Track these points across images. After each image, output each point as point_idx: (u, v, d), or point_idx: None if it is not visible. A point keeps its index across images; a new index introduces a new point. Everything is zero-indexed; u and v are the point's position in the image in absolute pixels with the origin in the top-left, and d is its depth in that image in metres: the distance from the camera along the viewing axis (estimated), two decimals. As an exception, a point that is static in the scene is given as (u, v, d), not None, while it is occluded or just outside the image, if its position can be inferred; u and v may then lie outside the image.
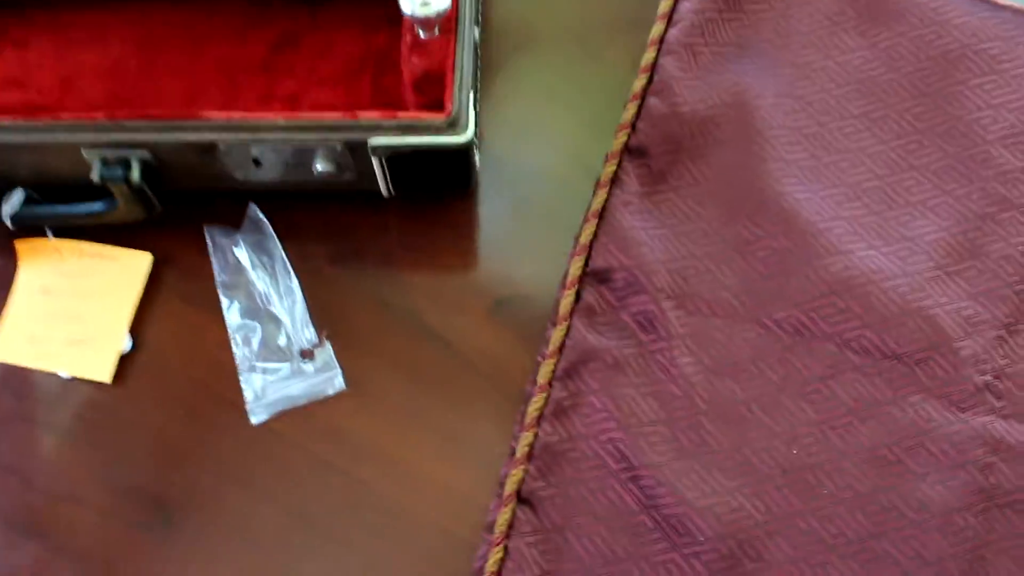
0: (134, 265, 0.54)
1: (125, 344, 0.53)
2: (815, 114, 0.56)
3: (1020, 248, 0.53)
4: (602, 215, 0.54)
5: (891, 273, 0.52)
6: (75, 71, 0.58)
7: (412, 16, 0.49)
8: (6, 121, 0.49)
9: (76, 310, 0.54)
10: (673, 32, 0.57)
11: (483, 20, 0.60)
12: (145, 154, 0.50)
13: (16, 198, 0.52)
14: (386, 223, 0.56)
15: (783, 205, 0.53)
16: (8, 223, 0.53)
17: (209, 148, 0.50)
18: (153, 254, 0.55)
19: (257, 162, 0.51)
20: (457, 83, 0.49)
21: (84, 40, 0.59)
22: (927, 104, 0.56)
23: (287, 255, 0.55)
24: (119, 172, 0.49)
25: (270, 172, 0.52)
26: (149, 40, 0.59)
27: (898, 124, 0.55)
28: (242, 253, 0.54)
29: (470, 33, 0.51)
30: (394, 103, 0.54)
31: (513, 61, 0.60)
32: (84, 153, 0.50)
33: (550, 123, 0.58)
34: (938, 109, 0.55)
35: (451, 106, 0.49)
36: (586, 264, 0.53)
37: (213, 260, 0.54)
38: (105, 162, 0.49)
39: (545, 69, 0.60)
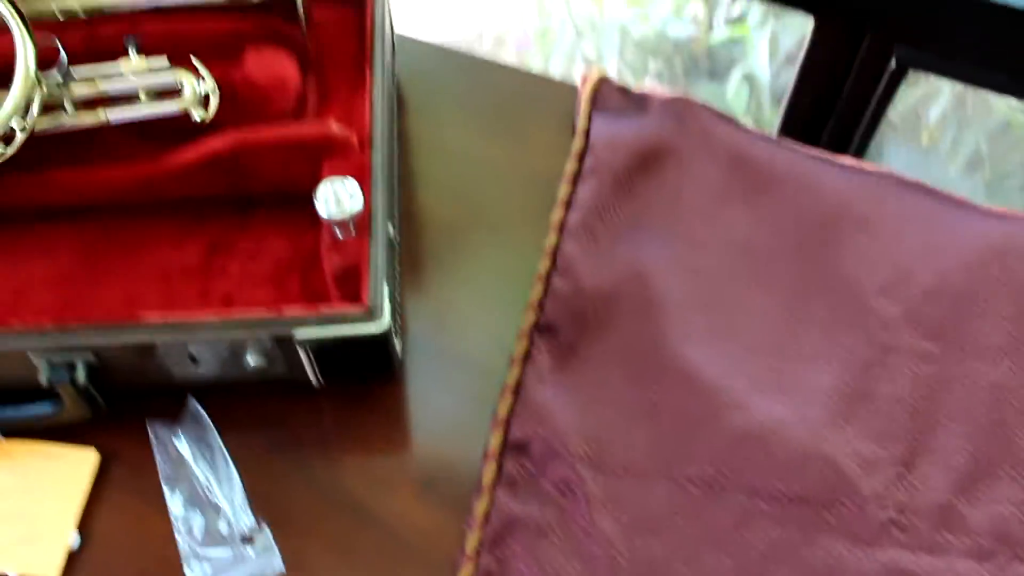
0: (80, 462, 0.59)
1: (73, 541, 0.57)
2: (708, 281, 0.63)
3: (907, 389, 0.59)
4: (517, 390, 0.59)
5: (791, 422, 0.57)
6: (25, 282, 0.64)
7: (328, 219, 0.56)
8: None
9: (23, 509, 0.58)
10: (572, 216, 0.64)
11: (402, 214, 0.67)
12: (89, 356, 0.55)
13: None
14: (319, 410, 0.62)
15: (684, 367, 0.59)
16: (-42, 428, 0.57)
17: (148, 349, 0.55)
18: (98, 450, 0.59)
19: (194, 359, 0.57)
20: (372, 277, 0.56)
21: (33, 252, 0.66)
22: (809, 263, 0.63)
23: (226, 445, 0.59)
24: (65, 374, 0.55)
25: (206, 368, 0.58)
26: (93, 250, 0.66)
27: (785, 283, 0.62)
28: (183, 446, 0.59)
29: (383, 230, 0.58)
30: (320, 297, 0.60)
31: (432, 251, 0.67)
32: (31, 358, 0.55)
33: (468, 307, 0.65)
34: (819, 267, 0.63)
35: (367, 298, 0.55)
36: (505, 436, 0.58)
37: (156, 454, 0.59)
38: (52, 365, 0.55)
39: (461, 257, 0.67)
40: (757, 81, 1.21)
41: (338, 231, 0.58)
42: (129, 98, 0.60)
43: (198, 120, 0.60)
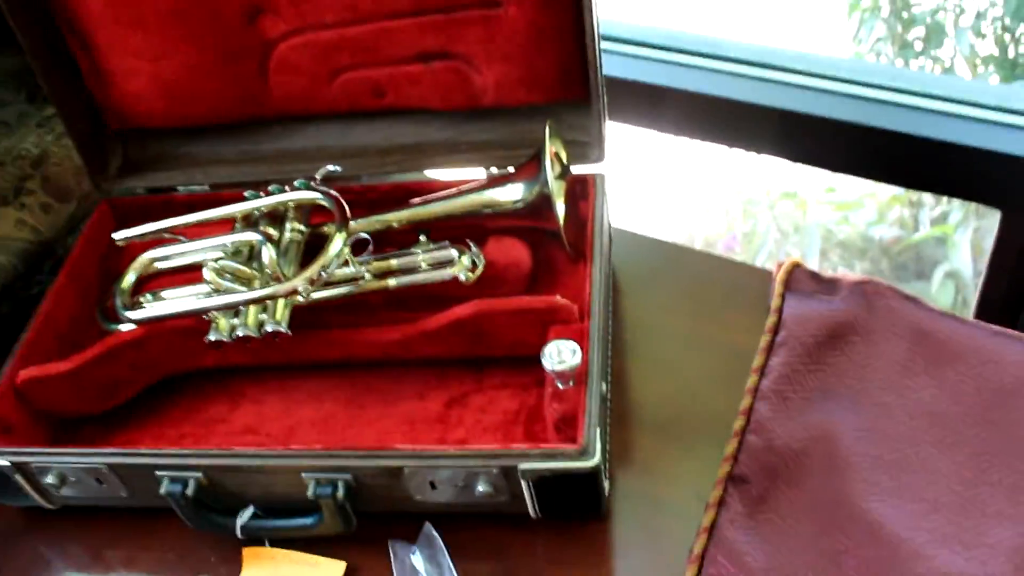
0: (331, 571, 0.72)
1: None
2: (893, 443, 0.70)
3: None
4: (711, 531, 0.68)
5: (973, 575, 0.63)
6: (297, 422, 0.80)
7: (551, 371, 0.69)
8: (250, 450, 0.71)
9: (283, 609, 0.71)
10: (765, 382, 0.74)
11: (613, 376, 0.79)
12: (349, 477, 0.69)
13: (247, 513, 0.72)
14: (534, 540, 0.72)
15: (869, 519, 0.66)
16: (239, 534, 0.72)
17: (397, 472, 0.69)
18: (346, 562, 0.72)
19: (433, 485, 0.70)
20: (587, 422, 0.67)
21: (304, 399, 0.82)
22: (992, 430, 0.69)
23: (454, 567, 0.71)
24: (328, 491, 0.69)
25: (442, 494, 0.70)
26: (352, 398, 0.81)
27: (968, 447, 0.69)
28: (418, 562, 0.71)
29: (598, 385, 0.70)
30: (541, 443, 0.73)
31: (638, 408, 0.78)
32: (303, 476, 0.70)
33: (668, 458, 0.75)
34: (1002, 433, 0.69)
35: (582, 439, 0.67)
36: (699, 573, 0.66)
37: (394, 569, 0.71)
38: (319, 483, 0.69)
39: (664, 415, 0.77)
40: (961, 278, 1.28)
41: (559, 383, 0.70)
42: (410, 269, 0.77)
43: (463, 280, 0.76)
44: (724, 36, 1.06)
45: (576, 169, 0.83)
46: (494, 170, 0.86)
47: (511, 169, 0.81)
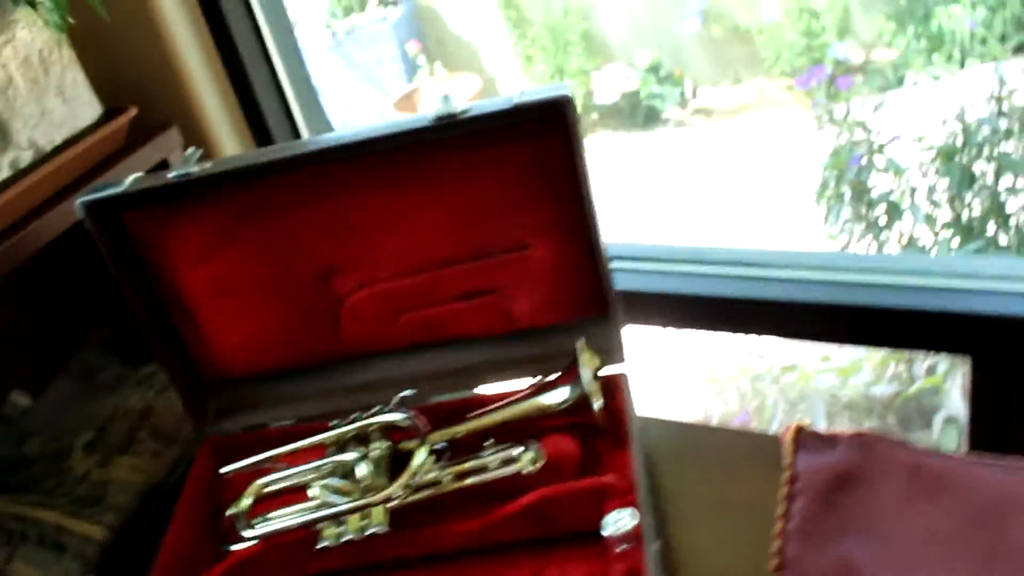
0: None
1: None
2: (904, 564, 0.87)
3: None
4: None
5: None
6: None
7: (613, 536, 0.87)
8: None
9: None
10: (790, 525, 0.92)
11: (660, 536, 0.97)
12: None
13: None
14: None
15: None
16: None
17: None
18: None
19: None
20: (651, 573, 0.84)
21: None
22: (985, 541, 0.86)
23: None
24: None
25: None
26: None
27: (967, 559, 0.86)
28: None
29: (652, 542, 0.87)
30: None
31: (684, 562, 0.95)
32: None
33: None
34: (995, 543, 0.86)
35: (647, 591, 0.84)
36: None
37: None
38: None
39: (705, 562, 0.94)
40: (958, 421, 1.46)
41: (620, 546, 0.88)
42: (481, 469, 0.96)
43: (525, 472, 0.94)
44: (715, 244, 1.29)
45: (604, 371, 1.03)
46: (533, 380, 1.07)
47: (552, 378, 1.01)
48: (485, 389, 1.13)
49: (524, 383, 1.07)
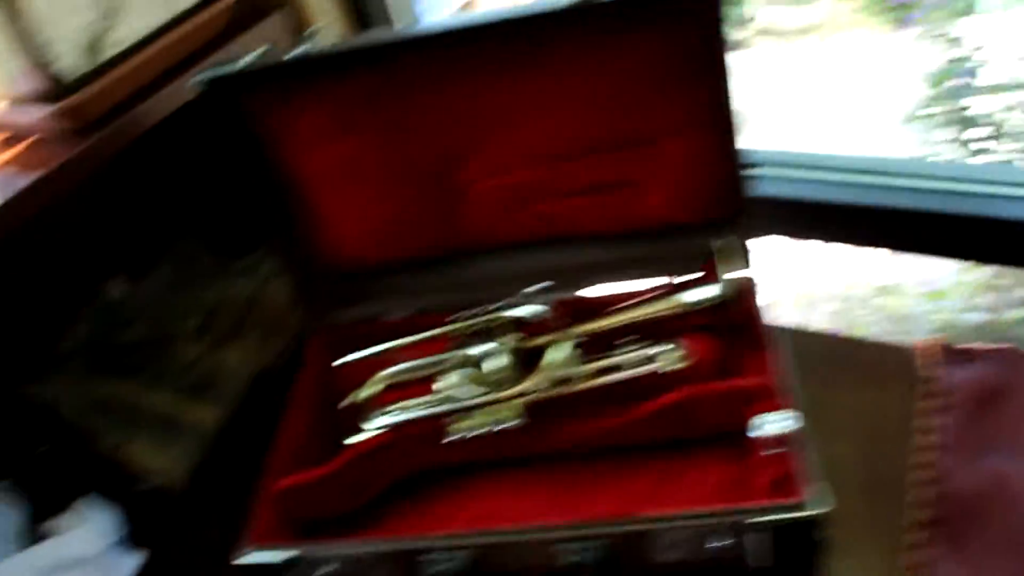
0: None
1: None
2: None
3: None
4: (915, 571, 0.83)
5: None
6: (524, 510, 0.95)
7: (767, 438, 0.85)
8: (519, 527, 0.86)
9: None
10: (935, 439, 0.90)
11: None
12: (598, 545, 0.84)
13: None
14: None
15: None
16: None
17: (640, 536, 0.83)
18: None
19: (670, 546, 0.84)
20: (805, 478, 0.83)
21: (524, 489, 0.97)
22: None
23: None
24: (589, 557, 0.84)
25: (676, 553, 0.85)
26: (571, 486, 0.96)
27: None
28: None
29: (810, 449, 0.85)
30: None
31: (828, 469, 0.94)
32: (556, 548, 0.85)
33: (855, 508, 0.89)
34: None
35: (803, 493, 0.82)
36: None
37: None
38: (577, 551, 0.84)
39: (840, 474, 0.93)
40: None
41: (770, 449, 0.86)
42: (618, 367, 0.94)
43: (668, 371, 0.92)
44: (834, 151, 1.26)
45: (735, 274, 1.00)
46: (655, 281, 1.04)
47: (690, 277, 0.99)
48: (606, 288, 1.10)
49: (646, 283, 1.05)
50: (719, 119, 0.97)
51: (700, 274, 0.98)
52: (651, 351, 0.94)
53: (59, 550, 0.92)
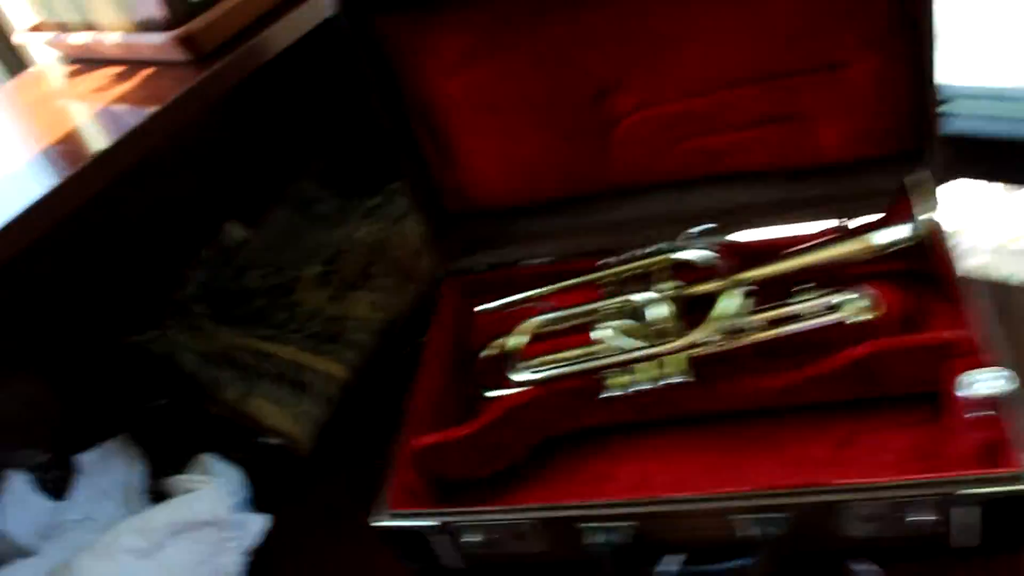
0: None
1: None
2: None
3: None
4: None
5: None
6: (683, 475, 0.87)
7: (978, 399, 0.75)
8: (685, 495, 0.78)
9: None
10: None
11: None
12: (782, 515, 0.75)
13: (675, 561, 0.79)
14: (969, 571, 0.77)
15: None
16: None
17: (831, 507, 0.75)
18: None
19: (863, 519, 0.75)
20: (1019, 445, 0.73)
21: (683, 452, 0.88)
22: None
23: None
24: (772, 530, 0.75)
25: (868, 528, 0.76)
26: (734, 449, 0.88)
27: None
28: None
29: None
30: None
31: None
32: (730, 519, 0.76)
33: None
34: None
35: (1020, 462, 0.72)
36: None
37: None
38: (755, 523, 0.76)
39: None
40: None
41: (976, 412, 0.76)
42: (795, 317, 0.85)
43: (855, 321, 0.82)
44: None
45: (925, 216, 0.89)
46: (829, 223, 0.94)
47: (876, 217, 0.89)
48: (772, 232, 1.01)
49: (816, 226, 0.95)
50: (911, 38, 0.86)
51: (879, 215, 0.88)
52: (834, 299, 0.85)
53: (185, 510, 0.87)
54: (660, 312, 0.86)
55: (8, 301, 0.98)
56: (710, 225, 0.90)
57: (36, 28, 1.10)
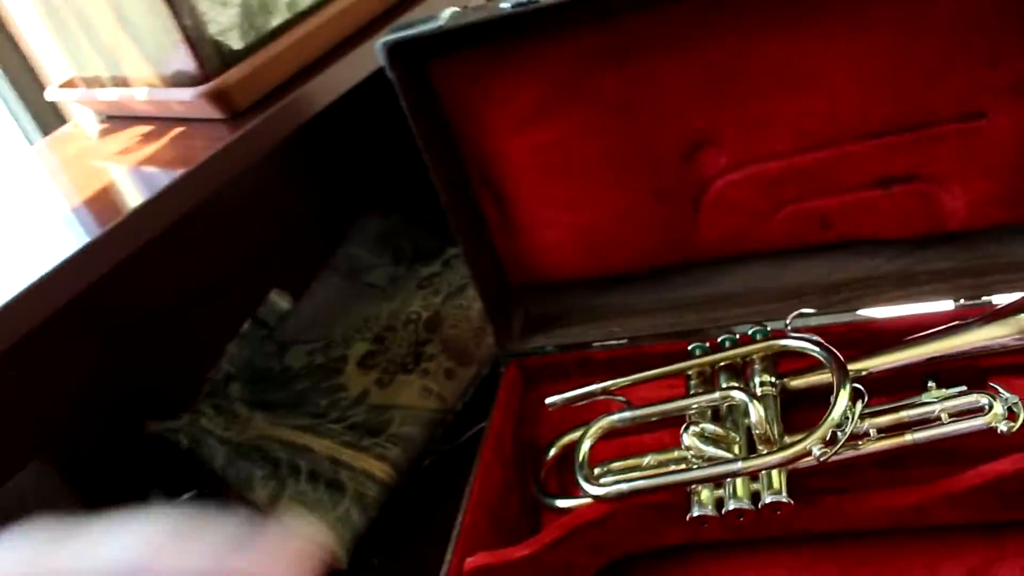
0: None
1: None
2: None
3: None
4: None
5: None
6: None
7: None
8: None
9: None
10: None
11: None
12: None
13: None
14: None
15: None
16: None
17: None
18: None
19: None
20: None
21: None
22: None
23: None
24: None
25: None
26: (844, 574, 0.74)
27: None
28: None
29: None
30: None
31: None
32: None
33: None
34: None
35: None
36: None
37: None
38: None
39: None
40: None
41: None
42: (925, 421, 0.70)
43: (1004, 431, 0.68)
44: None
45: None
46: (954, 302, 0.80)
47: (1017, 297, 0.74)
48: (883, 312, 0.87)
49: (945, 304, 0.82)
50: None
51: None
52: (975, 401, 0.70)
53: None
54: (756, 413, 0.73)
55: (18, 380, 0.89)
56: (817, 305, 0.77)
57: (68, 84, 1.03)
